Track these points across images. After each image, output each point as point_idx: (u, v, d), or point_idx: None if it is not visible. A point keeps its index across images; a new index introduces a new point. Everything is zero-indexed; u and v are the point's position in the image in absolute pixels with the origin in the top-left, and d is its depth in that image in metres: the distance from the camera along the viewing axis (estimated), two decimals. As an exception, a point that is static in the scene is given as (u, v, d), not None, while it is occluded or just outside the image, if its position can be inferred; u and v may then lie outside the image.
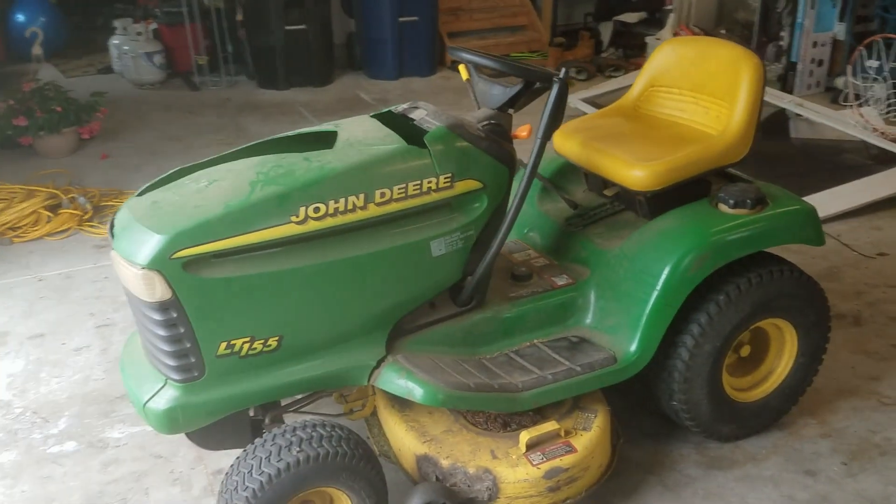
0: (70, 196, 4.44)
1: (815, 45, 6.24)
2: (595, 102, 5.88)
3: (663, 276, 2.29)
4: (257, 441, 2.04)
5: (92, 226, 4.30)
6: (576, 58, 7.61)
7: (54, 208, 4.36)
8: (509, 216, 2.22)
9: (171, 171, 2.20)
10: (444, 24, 7.74)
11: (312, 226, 2.02)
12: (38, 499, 2.45)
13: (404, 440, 2.30)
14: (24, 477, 2.53)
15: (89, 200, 4.46)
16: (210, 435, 2.23)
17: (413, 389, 2.13)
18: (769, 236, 2.40)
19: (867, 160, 4.89)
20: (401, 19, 7.14)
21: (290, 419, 2.24)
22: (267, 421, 2.23)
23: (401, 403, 2.37)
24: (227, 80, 7.27)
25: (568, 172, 2.88)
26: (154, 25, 7.32)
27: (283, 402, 2.37)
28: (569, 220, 2.70)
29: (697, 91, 2.66)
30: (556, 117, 2.17)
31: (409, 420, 2.33)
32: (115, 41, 7.31)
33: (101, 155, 5.43)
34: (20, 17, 7.64)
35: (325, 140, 2.22)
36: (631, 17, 7.87)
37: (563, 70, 2.14)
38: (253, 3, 6.97)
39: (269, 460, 1.97)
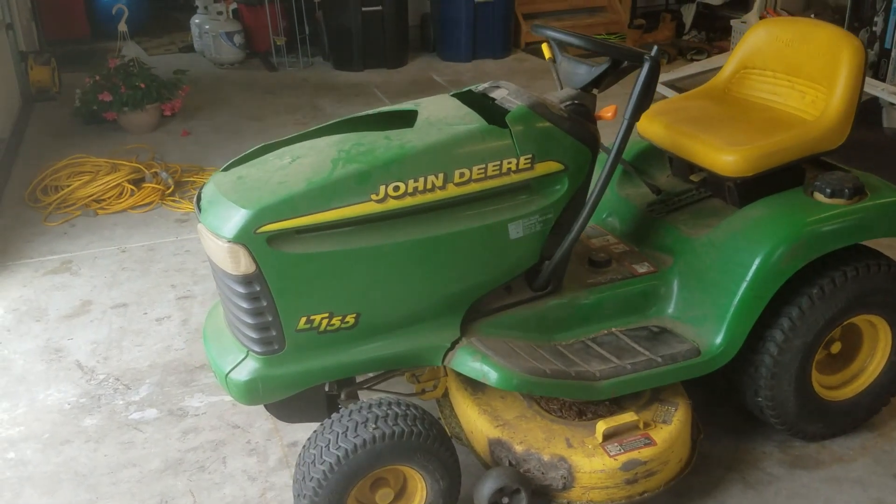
0: (153, 171, 4.56)
1: (913, 29, 5.90)
2: (676, 86, 5.72)
3: (754, 267, 2.19)
4: (334, 416, 2.06)
5: (174, 200, 4.42)
6: (656, 40, 7.42)
7: (137, 182, 4.49)
8: (591, 200, 2.16)
9: (255, 148, 2.23)
10: (521, 5, 7.64)
11: (392, 204, 2.01)
12: (120, 463, 2.52)
13: (477, 423, 2.28)
14: (107, 441, 2.62)
15: (171, 175, 4.57)
16: (287, 407, 2.25)
17: (488, 373, 2.10)
18: (867, 228, 2.28)
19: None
20: (476, 0, 7.08)
21: (363, 396, 2.26)
22: (342, 396, 2.25)
23: (473, 386, 2.35)
24: (304, 61, 7.35)
25: (651, 156, 2.80)
26: (234, 5, 7.44)
27: (357, 380, 2.38)
28: (651, 206, 2.62)
29: (793, 74, 2.54)
30: (646, 98, 2.09)
31: (482, 403, 2.31)
32: (196, 20, 7.48)
33: (182, 132, 5.57)
34: (106, -4, 7.87)
35: (406, 119, 2.20)
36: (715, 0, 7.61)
37: (655, 48, 2.07)
38: (330, -17, 7.03)
39: (345, 435, 1.98)
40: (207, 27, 7.29)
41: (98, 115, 5.44)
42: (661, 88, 5.68)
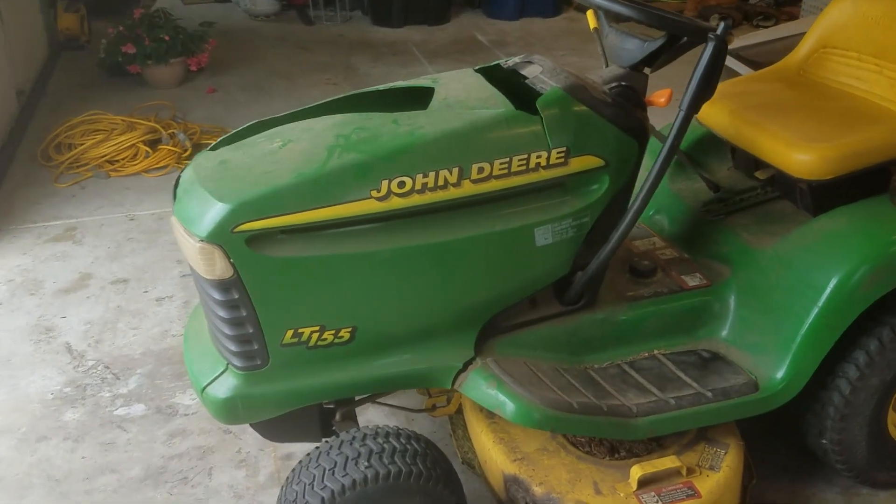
0: (170, 132, 4.30)
1: None
2: (741, 56, 5.19)
3: (828, 290, 1.83)
4: (322, 447, 1.78)
5: (190, 164, 4.16)
6: (719, 3, 6.88)
7: (154, 143, 4.23)
8: (637, 203, 1.80)
9: (248, 125, 1.92)
10: (574, -40, 7.15)
11: (395, 203, 1.68)
12: (98, 467, 2.30)
13: (491, 453, 1.99)
14: (87, 440, 2.39)
15: (189, 137, 4.31)
16: (275, 426, 1.97)
17: (504, 404, 1.79)
18: (972, 250, 1.89)
19: None
20: (525, -46, 6.63)
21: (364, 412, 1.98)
22: (337, 417, 1.97)
23: (490, 408, 2.05)
24: (343, 15, 7.02)
25: (710, 146, 2.42)
26: (273, -46, 7.10)
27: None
28: (707, 205, 2.26)
29: (882, 57, 2.14)
30: (709, 85, 1.71)
31: (499, 430, 2.01)
32: (232, -31, 7.17)
33: (208, 88, 5.29)
34: (141, -58, 7.57)
35: (421, 97, 1.86)
36: (787, -41, 7.01)
37: (723, 25, 1.68)
38: (372, -66, 6.63)
39: (333, 473, 1.70)
40: (243, -23, 6.98)
41: (122, 67, 5.19)
42: (722, 57, 5.20)
